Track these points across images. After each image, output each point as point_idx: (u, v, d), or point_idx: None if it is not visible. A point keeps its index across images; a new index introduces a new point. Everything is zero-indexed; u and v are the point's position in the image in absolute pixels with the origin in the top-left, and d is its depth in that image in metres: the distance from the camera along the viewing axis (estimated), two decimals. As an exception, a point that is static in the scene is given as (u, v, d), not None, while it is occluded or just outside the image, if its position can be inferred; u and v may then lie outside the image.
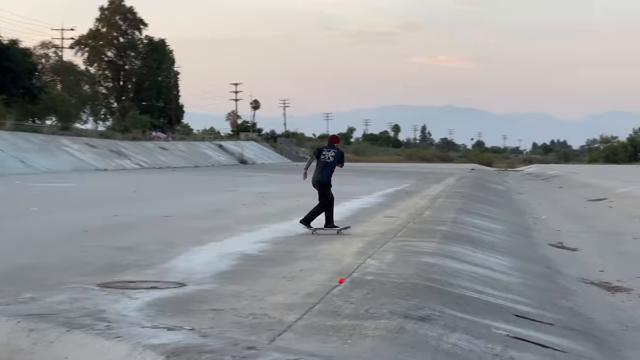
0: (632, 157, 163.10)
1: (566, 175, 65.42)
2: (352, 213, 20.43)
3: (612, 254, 17.51)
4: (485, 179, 57.20)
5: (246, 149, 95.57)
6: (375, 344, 6.33)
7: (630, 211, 29.03)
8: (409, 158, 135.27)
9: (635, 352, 8.36)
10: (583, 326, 9.26)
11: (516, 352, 6.98)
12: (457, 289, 9.59)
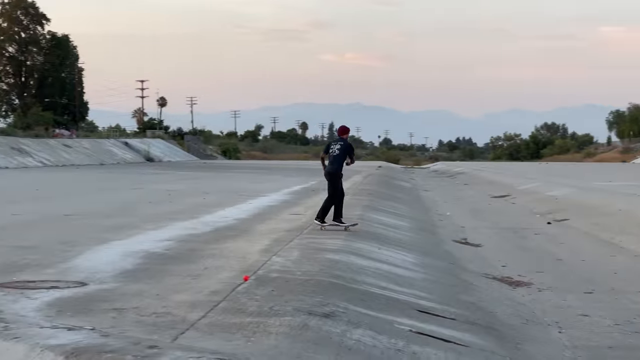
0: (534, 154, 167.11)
1: (471, 172, 66.58)
2: (258, 211, 20.39)
3: (514, 249, 17.89)
4: (391, 177, 57.80)
5: (153, 147, 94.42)
6: (278, 341, 6.32)
7: (531, 207, 29.74)
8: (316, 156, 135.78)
9: (534, 345, 8.54)
10: (484, 320, 9.42)
11: (418, 347, 7.05)
12: (362, 286, 9.65)
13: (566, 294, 11.97)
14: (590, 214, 24.97)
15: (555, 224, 23.75)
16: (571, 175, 54.65)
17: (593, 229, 21.77)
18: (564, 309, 10.76)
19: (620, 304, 11.16)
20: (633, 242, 18.53)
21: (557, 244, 18.73)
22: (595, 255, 16.73)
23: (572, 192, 33.71)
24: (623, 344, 8.74)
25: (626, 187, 35.90)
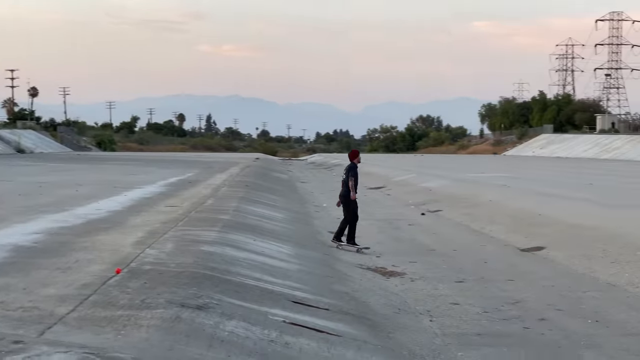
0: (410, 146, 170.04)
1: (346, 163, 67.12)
2: (133, 203, 20.05)
3: (389, 239, 18.16)
4: (269, 168, 57.85)
5: (24, 138, 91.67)
6: (150, 334, 6.22)
7: (406, 198, 30.26)
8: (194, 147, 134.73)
9: (405, 334, 8.69)
10: (358, 310, 9.52)
11: (291, 338, 7.07)
12: (237, 277, 9.61)
13: (438, 283, 12.22)
14: (463, 204, 25.60)
15: (429, 214, 24.24)
16: (445, 167, 55.84)
17: (465, 219, 22.32)
18: (436, 297, 10.99)
19: (489, 292, 11.47)
20: (502, 232, 19.09)
21: (430, 235, 19.11)
22: (467, 245, 17.15)
23: (446, 184, 34.48)
24: (490, 330, 8.98)
25: (497, 179, 36.94)
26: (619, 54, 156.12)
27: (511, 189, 29.05)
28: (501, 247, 16.99)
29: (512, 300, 10.77)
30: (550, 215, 20.24)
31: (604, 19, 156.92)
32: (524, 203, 23.51)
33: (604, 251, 14.71)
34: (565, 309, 10.21)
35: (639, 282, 12.04)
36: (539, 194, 26.57)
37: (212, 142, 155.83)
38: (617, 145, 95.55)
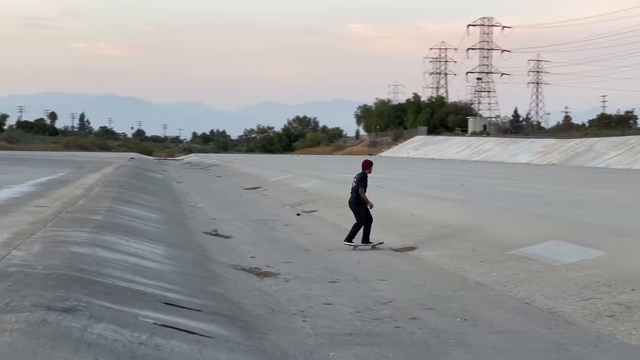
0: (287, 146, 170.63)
1: (224, 164, 66.97)
2: (1, 203, 19.42)
3: (264, 240, 18.14)
4: (144, 168, 57.03)
5: None
6: (13, 338, 6.01)
7: (282, 199, 30.32)
8: (66, 146, 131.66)
9: (278, 334, 8.67)
10: (231, 311, 9.46)
11: (162, 340, 6.96)
12: (107, 279, 9.41)
13: (312, 283, 12.27)
14: (338, 205, 25.77)
15: (304, 215, 24.35)
16: (321, 168, 56.27)
17: (340, 219, 22.48)
18: (309, 298, 11.02)
19: (361, 292, 11.58)
20: (375, 232, 19.31)
21: (305, 235, 19.20)
22: (341, 245, 17.26)
23: (321, 184, 34.69)
24: (362, 330, 9.06)
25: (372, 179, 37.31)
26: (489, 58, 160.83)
27: (385, 190, 29.43)
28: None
29: (384, 300, 10.90)
30: (423, 215, 20.62)
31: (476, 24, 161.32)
32: (397, 203, 23.86)
33: (474, 251, 15.08)
34: (436, 308, 10.40)
35: (506, 281, 12.38)
36: (413, 194, 27.04)
37: (86, 141, 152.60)
38: (488, 147, 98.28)
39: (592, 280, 11.52)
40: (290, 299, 10.93)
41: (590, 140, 76.73)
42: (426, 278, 13.02)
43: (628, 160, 61.07)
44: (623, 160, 62.26)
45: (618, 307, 10.01)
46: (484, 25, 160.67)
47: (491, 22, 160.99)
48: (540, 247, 14.47)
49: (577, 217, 18.22)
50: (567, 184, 35.67)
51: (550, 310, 10.39)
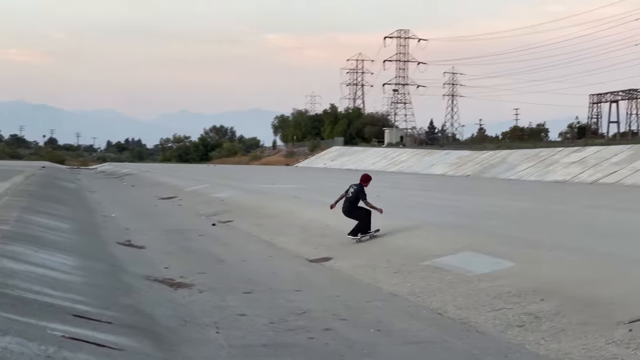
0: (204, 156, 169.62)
1: (139, 173, 66.21)
2: None
3: (179, 250, 17.94)
4: (56, 177, 56.00)
5: None
6: None
7: (198, 209, 30.08)
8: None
9: (191, 346, 8.56)
10: (143, 323, 9.30)
11: (70, 353, 6.78)
12: (14, 291, 9.15)
13: (226, 294, 12.17)
14: (254, 215, 25.73)
15: (220, 225, 24.18)
16: (238, 178, 56.03)
17: (255, 229, 22.43)
18: (223, 309, 10.92)
19: (276, 303, 11.53)
20: (292, 243, 19.33)
21: (221, 245, 19.06)
22: (256, 256, 17.21)
23: (238, 194, 34.56)
24: (276, 341, 9.01)
25: (288, 190, 37.40)
26: (405, 70, 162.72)
27: (302, 200, 29.48)
28: (291, 257, 17.18)
29: (299, 311, 10.87)
30: (339, 226, 20.66)
31: (392, 36, 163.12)
32: (313, 214, 23.89)
33: (388, 261, 15.18)
34: (350, 319, 10.42)
35: (419, 292, 12.48)
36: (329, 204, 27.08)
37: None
38: (404, 158, 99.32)
39: (503, 290, 11.70)
40: (204, 310, 10.81)
41: (503, 153, 78.14)
42: (341, 289, 13.04)
43: (539, 172, 62.36)
44: (534, 172, 63.55)
45: (528, 317, 10.18)
46: (401, 38, 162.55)
47: (407, 35, 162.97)
48: (453, 258, 14.65)
49: (490, 228, 18.50)
50: (481, 195, 36.23)
51: (462, 320, 10.51)
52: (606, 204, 29.91)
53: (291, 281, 13.72)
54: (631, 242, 15.68)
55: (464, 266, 13.79)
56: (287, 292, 12.48)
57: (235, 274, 14.38)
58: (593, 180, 55.07)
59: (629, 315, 9.53)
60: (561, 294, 10.98)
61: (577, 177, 57.89)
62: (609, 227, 19.45)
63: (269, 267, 15.43)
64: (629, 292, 10.45)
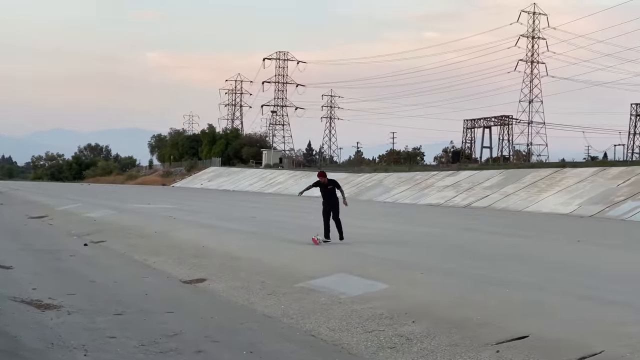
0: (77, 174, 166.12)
1: (8, 191, 64.31)
2: None
3: (48, 271, 17.44)
4: None
5: None
6: None
7: (70, 228, 29.38)
8: None
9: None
10: (7, 346, 8.97)
11: None
12: None
13: (96, 316, 11.87)
14: (128, 235, 25.29)
15: (92, 245, 23.66)
16: (112, 197, 55.08)
17: (129, 250, 22.03)
18: (92, 331, 10.65)
19: (147, 324, 11.31)
20: (166, 263, 19.05)
21: (92, 266, 18.62)
22: (129, 277, 16.89)
23: (112, 214, 33.94)
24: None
25: (164, 210, 36.98)
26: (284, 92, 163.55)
27: (177, 221, 29.17)
28: (164, 278, 16.92)
29: (171, 333, 10.70)
30: (214, 247, 20.53)
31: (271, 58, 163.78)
32: (189, 234, 23.67)
33: (262, 283, 15.13)
34: (223, 341, 10.31)
35: (293, 314, 12.47)
36: (205, 225, 26.91)
37: None
38: (281, 180, 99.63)
39: (376, 312, 11.81)
40: (72, 332, 10.51)
41: (379, 175, 79.32)
42: (214, 310, 12.91)
43: (415, 196, 63.52)
44: (410, 195, 64.70)
45: (399, 339, 10.30)
46: (280, 59, 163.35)
47: (286, 57, 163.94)
48: (328, 279, 14.71)
49: (364, 250, 18.69)
50: (356, 217, 36.58)
51: (334, 342, 10.54)
52: (479, 227, 30.67)
53: (164, 302, 13.50)
54: (501, 265, 16.11)
55: (338, 288, 13.87)
56: (159, 314, 12.27)
57: (106, 295, 14.05)
58: (466, 204, 56.43)
59: (496, 336, 9.77)
60: (433, 316, 11.16)
61: (451, 201, 59.22)
62: (482, 250, 19.93)
63: (142, 288, 15.14)
64: (498, 315, 10.71)
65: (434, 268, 15.16)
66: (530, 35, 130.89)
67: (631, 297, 11.80)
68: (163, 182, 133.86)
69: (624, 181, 50.64)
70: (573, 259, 17.90)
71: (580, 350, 8.73)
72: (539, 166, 69.00)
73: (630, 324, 9.58)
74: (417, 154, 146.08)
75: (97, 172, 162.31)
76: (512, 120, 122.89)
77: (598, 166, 60.26)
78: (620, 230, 31.58)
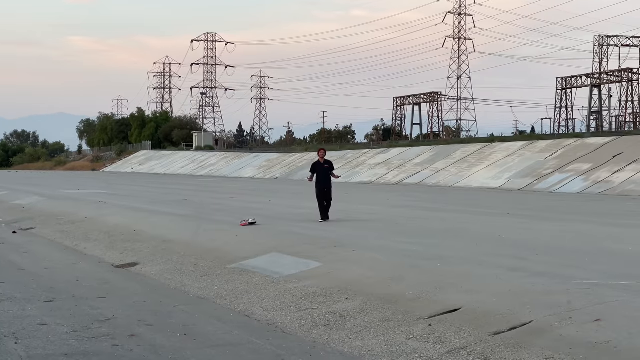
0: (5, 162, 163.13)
1: None
2: None
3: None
4: None
5: None
6: None
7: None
8: None
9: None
10: None
11: None
12: None
13: (26, 304, 11.69)
14: (58, 221, 24.96)
15: (21, 232, 23.31)
16: (41, 184, 54.25)
17: (59, 236, 21.76)
18: (23, 319, 10.49)
19: (79, 310, 11.19)
20: (97, 249, 18.87)
21: (21, 253, 18.34)
22: (60, 263, 16.68)
23: (41, 201, 33.45)
24: (79, 350, 8.74)
25: (94, 195, 36.56)
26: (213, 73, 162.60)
27: (108, 205, 28.87)
28: (95, 264, 16.75)
29: (103, 318, 10.60)
30: (146, 231, 20.39)
31: (199, 40, 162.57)
32: (120, 219, 23.45)
33: (195, 265, 15.08)
34: (156, 324, 10.25)
35: (226, 295, 12.47)
36: (136, 209, 26.69)
37: None
38: (213, 162, 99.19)
39: (309, 291, 11.87)
40: (2, 320, 10.34)
41: (311, 155, 79.47)
42: (147, 294, 12.83)
43: (347, 174, 63.80)
44: (342, 174, 64.96)
45: (333, 317, 10.36)
46: (208, 41, 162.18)
47: (215, 38, 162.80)
48: (261, 260, 14.73)
49: (297, 229, 18.74)
50: (289, 198, 36.65)
51: (268, 322, 10.57)
52: (410, 203, 30.97)
53: (95, 288, 13.37)
54: (433, 240, 16.30)
55: (271, 268, 13.90)
56: (91, 300, 12.15)
57: (36, 283, 13.85)
58: (398, 181, 56.94)
59: (429, 310, 9.89)
60: (365, 293, 11.25)
61: (383, 178, 59.68)
62: (413, 226, 20.14)
63: (73, 274, 14.96)
64: (429, 289, 10.85)
65: (366, 245, 15.28)
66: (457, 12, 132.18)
67: (558, 268, 12.06)
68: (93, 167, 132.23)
69: (551, 154, 51.62)
70: (502, 232, 18.20)
71: (511, 321, 8.89)
72: (468, 141, 69.90)
73: (557, 293, 9.79)
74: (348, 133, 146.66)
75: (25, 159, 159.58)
76: (441, 97, 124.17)
77: (526, 140, 61.31)
78: (548, 203, 32.20)
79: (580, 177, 44.93)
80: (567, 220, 22.34)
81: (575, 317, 8.63)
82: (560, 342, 7.98)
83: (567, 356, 7.64)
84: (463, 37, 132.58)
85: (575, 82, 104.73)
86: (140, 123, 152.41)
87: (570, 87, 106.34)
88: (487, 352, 8.20)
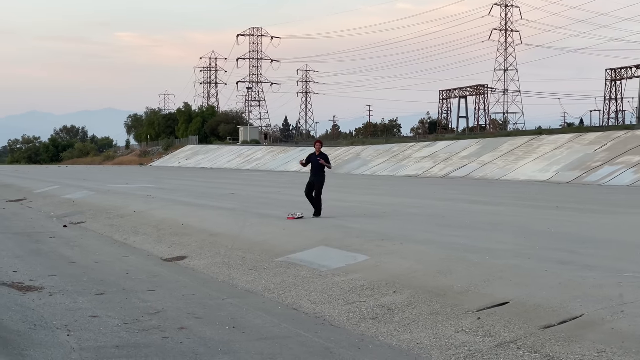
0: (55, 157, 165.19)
1: (-15, 176, 63.80)
2: None
3: (29, 254, 17.36)
4: None
5: None
6: None
7: (48, 210, 29.28)
8: None
9: (40, 350, 8.30)
10: (-11, 329, 8.96)
11: None
12: None
13: (78, 296, 11.86)
14: (107, 216, 25.22)
15: (71, 227, 23.60)
16: (91, 179, 54.85)
17: (109, 230, 22.00)
18: (75, 311, 10.64)
19: (130, 303, 11.32)
20: (145, 242, 19.05)
21: (72, 247, 18.58)
22: (109, 257, 16.87)
23: (90, 195, 33.82)
24: (130, 342, 8.84)
25: (142, 189, 36.88)
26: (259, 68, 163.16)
27: (156, 199, 29.10)
28: (144, 257, 16.92)
29: (153, 311, 10.71)
30: (194, 224, 20.52)
31: (245, 34, 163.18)
32: (168, 213, 23.64)
33: (243, 259, 15.16)
34: (205, 317, 10.34)
35: (274, 288, 12.52)
36: (183, 203, 26.87)
37: None
38: (259, 156, 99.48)
39: (357, 284, 11.87)
40: (55, 313, 10.50)
41: (357, 149, 79.40)
42: (196, 287, 12.93)
43: (392, 168, 63.67)
44: (388, 167, 64.84)
45: (381, 310, 10.36)
46: (254, 36, 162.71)
47: (260, 33, 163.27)
48: (308, 253, 14.76)
49: (344, 223, 18.73)
50: (335, 191, 36.65)
51: (316, 315, 10.59)
52: (457, 197, 30.81)
53: (145, 281, 13.51)
54: (481, 234, 16.20)
55: (319, 261, 13.92)
56: (141, 292, 12.28)
57: (87, 276, 14.03)
58: (444, 175, 56.65)
59: (477, 304, 9.85)
60: (413, 286, 11.23)
61: (429, 172, 59.42)
62: (460, 219, 20.03)
63: (123, 268, 15.14)
64: (478, 282, 10.79)
65: (414, 238, 15.23)
66: (504, 4, 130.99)
67: (609, 261, 11.92)
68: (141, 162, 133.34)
69: (601, 146, 50.97)
70: (551, 225, 18.03)
71: (561, 315, 8.82)
72: (515, 134, 69.27)
73: (609, 286, 9.68)
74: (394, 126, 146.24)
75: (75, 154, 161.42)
76: (488, 90, 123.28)
77: (574, 132, 60.60)
78: (597, 196, 31.83)
79: (631, 169, 44.33)
80: (617, 213, 22.08)
81: (628, 311, 8.53)
82: (612, 336, 7.89)
83: (619, 350, 7.56)
84: (510, 29, 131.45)
85: (625, 73, 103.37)
86: (187, 118, 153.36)
87: (620, 79, 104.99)
88: (538, 345, 8.14)
